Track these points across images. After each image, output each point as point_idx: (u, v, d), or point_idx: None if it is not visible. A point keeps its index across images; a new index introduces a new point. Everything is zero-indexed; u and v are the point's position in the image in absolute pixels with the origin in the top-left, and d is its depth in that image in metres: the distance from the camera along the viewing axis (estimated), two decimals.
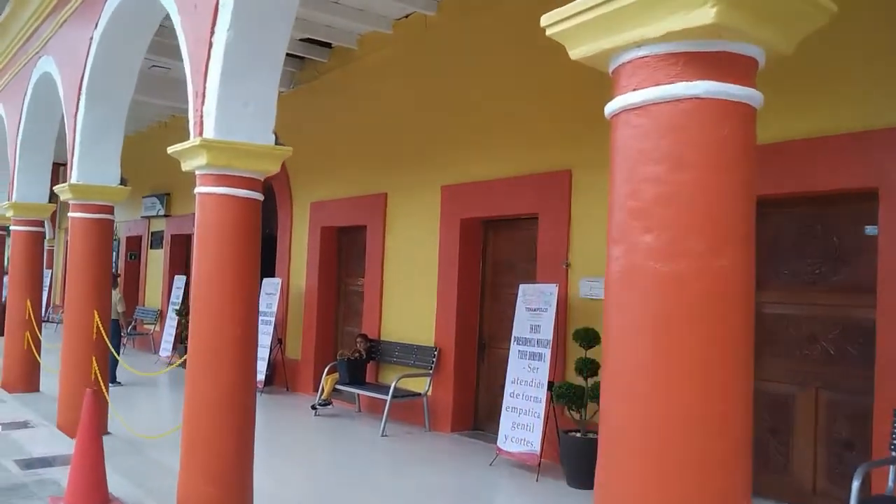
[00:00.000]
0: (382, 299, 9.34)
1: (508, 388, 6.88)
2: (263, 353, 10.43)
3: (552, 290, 6.71)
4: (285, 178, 11.27)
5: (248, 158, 4.71)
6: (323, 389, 9.00)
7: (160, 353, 13.32)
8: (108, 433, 6.91)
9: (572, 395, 6.23)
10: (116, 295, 10.59)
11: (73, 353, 6.89)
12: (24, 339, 9.09)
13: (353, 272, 10.46)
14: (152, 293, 15.39)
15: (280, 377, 10.76)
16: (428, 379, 8.24)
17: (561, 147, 7.06)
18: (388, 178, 9.28)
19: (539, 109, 7.26)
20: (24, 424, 7.09)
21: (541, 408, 6.53)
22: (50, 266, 21.35)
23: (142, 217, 15.60)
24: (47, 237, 21.77)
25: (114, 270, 13.99)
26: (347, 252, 10.62)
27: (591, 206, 6.74)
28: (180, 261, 14.94)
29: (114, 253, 17.18)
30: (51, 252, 21.81)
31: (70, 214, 7.45)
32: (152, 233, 15.59)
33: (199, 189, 4.76)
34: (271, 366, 10.67)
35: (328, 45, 10.01)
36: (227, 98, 4.63)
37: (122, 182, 7.48)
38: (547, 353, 6.61)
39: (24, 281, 9.27)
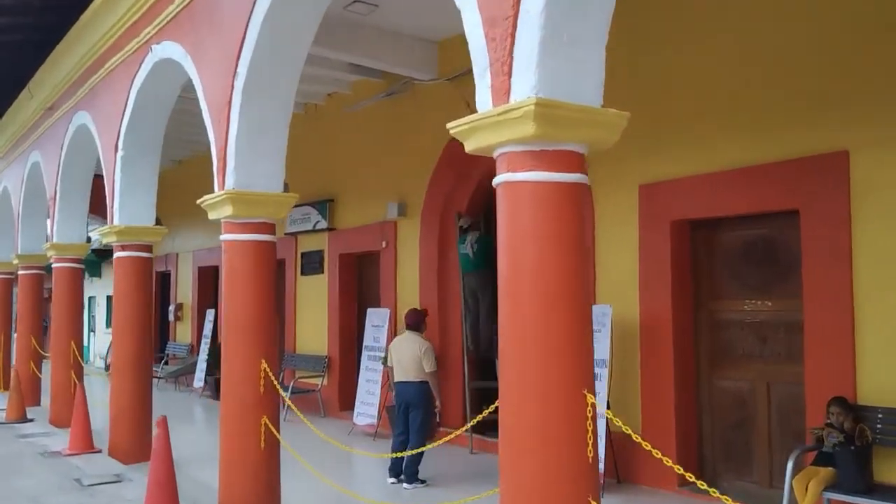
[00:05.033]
0: (855, 334, 5.45)
1: None
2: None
3: None
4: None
5: None
6: (793, 497, 5.07)
7: (356, 422, 9.43)
8: None
9: None
10: (423, 344, 6.80)
11: None
12: (260, 430, 5.21)
13: (727, 290, 6.59)
14: (310, 334, 11.48)
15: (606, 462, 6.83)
16: None
17: None
18: (852, 124, 5.46)
19: None
20: None
21: None
22: None
23: (286, 234, 11.77)
24: None
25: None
26: (712, 259, 6.76)
27: None
28: (352, 288, 11.10)
29: None
30: None
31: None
32: (303, 254, 11.76)
33: None
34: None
35: None
36: None
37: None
38: None
39: (252, 325, 5.40)
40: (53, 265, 9.85)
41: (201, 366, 13.35)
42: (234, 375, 5.43)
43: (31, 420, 10.22)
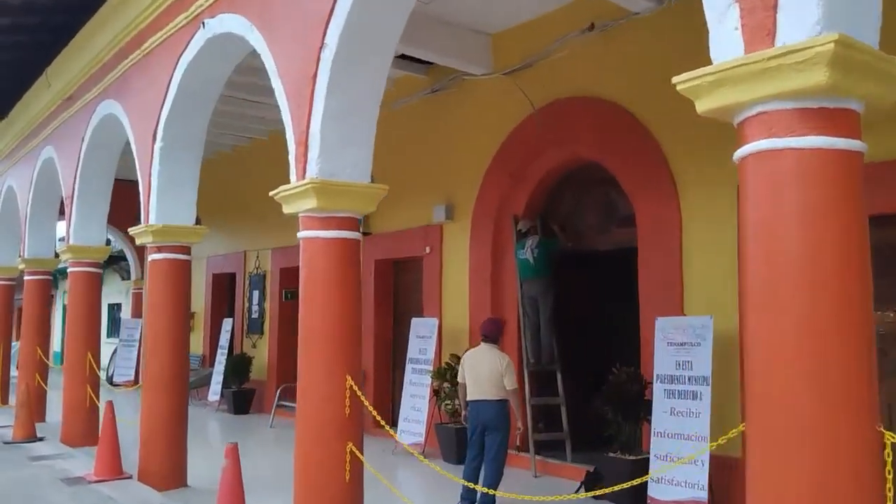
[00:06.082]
0: None
1: None
2: None
3: None
4: (641, 133, 6.85)
5: None
6: None
7: (400, 440, 8.68)
8: None
9: None
10: (504, 358, 6.05)
11: None
12: (345, 459, 4.47)
13: None
14: None
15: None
16: None
17: None
18: None
19: None
20: None
21: None
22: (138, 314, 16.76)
23: None
24: (133, 277, 17.45)
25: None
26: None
27: None
28: (388, 297, 10.39)
29: (255, 291, 12.72)
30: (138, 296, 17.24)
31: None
32: None
33: None
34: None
35: None
36: None
37: None
38: None
39: (336, 336, 4.68)
40: (69, 269, 9.05)
41: (217, 378, 12.55)
42: (313, 395, 4.71)
43: (42, 439, 9.38)
